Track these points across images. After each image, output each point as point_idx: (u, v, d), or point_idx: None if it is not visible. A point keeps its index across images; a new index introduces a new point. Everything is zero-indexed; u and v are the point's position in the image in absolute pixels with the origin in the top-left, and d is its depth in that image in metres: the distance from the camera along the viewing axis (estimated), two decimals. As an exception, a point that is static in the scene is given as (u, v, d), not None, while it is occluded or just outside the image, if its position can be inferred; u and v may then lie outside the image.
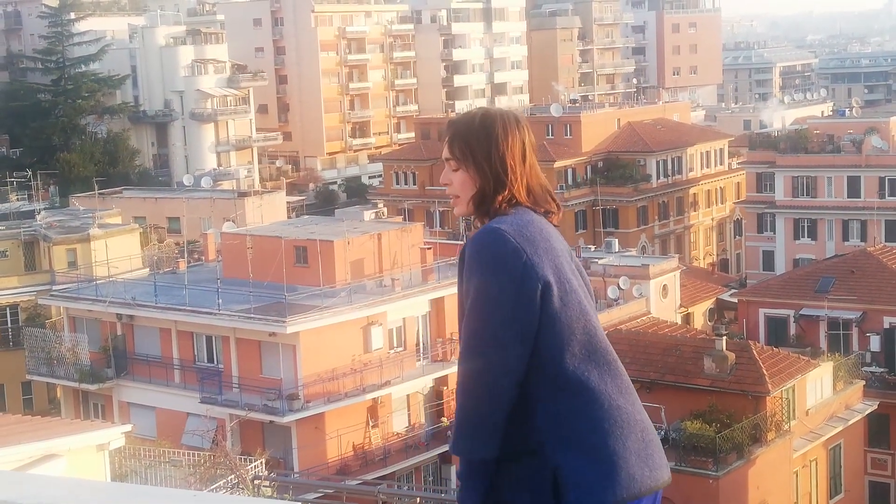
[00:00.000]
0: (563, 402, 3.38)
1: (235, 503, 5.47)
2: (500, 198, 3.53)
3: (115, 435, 22.27)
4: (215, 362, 43.77)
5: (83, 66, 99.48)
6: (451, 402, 45.58)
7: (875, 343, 47.97)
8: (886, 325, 48.22)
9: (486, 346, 3.31)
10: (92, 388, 45.88)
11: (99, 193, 65.73)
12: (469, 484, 3.37)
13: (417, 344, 45.30)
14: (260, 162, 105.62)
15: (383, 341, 43.53)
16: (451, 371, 45.34)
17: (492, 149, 3.53)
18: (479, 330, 3.34)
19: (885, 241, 63.40)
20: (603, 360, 3.44)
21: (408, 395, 44.92)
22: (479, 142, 3.55)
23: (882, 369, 47.06)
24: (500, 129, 3.55)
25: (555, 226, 3.60)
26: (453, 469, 44.50)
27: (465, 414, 3.33)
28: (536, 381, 3.38)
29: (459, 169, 3.58)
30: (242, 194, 74.52)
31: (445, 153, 3.61)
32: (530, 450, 3.38)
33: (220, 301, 42.52)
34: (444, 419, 45.35)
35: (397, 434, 44.19)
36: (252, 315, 41.77)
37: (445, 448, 44.84)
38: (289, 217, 70.49)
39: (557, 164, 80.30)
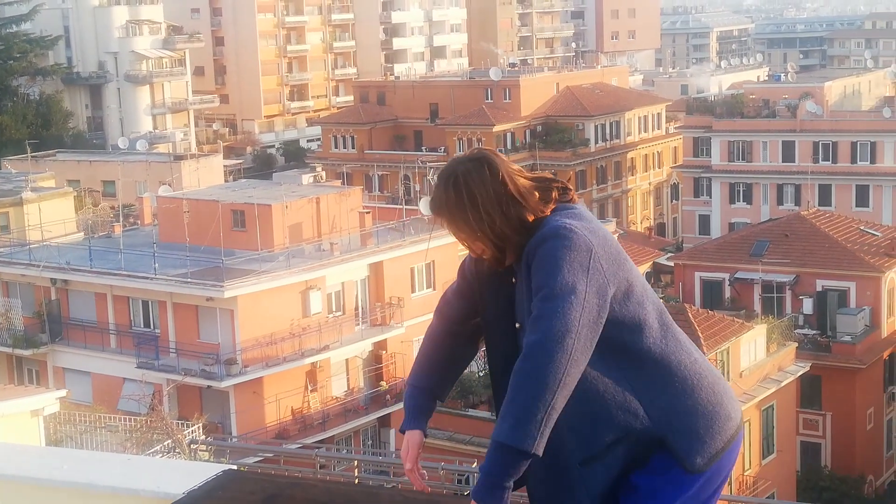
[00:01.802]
0: (652, 378, 3.49)
1: (167, 466, 5.45)
2: (511, 239, 3.54)
3: (49, 400, 22.06)
4: (152, 327, 43.41)
5: (14, 26, 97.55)
6: (389, 367, 45.67)
7: (808, 306, 48.74)
8: (819, 288, 48.99)
9: (571, 347, 3.34)
10: (26, 353, 45.32)
11: (32, 156, 64.67)
12: (506, 478, 3.38)
13: (356, 308, 45.25)
14: (196, 125, 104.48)
15: (322, 306, 43.42)
16: (390, 335, 45.41)
17: (473, 215, 3.53)
18: (562, 324, 3.34)
19: (819, 206, 64.34)
20: (669, 322, 3.58)
21: (346, 360, 44.90)
22: (461, 217, 3.55)
23: (814, 331, 47.85)
24: (469, 190, 3.54)
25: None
26: (392, 432, 44.67)
27: (537, 408, 3.32)
28: (628, 362, 3.48)
29: (469, 240, 3.61)
30: (179, 158, 73.69)
31: (453, 237, 3.64)
32: (626, 434, 3.47)
33: (157, 265, 42.13)
34: (383, 383, 45.43)
35: (336, 398, 44.20)
36: (189, 279, 41.45)
37: (384, 412, 44.97)
38: (226, 181, 69.90)
39: (496, 129, 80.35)
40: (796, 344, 43.44)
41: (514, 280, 3.60)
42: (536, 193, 3.57)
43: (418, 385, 3.87)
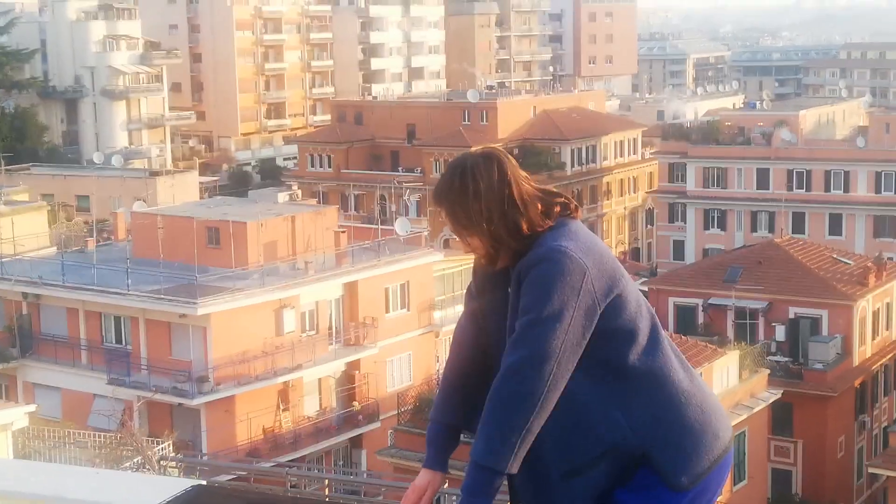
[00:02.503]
0: (637, 392, 3.45)
1: (137, 481, 5.39)
2: (506, 243, 3.53)
3: (18, 415, 21.88)
4: (123, 343, 43.12)
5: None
6: (361, 387, 45.49)
7: (780, 333, 48.89)
8: (791, 315, 49.16)
9: (549, 373, 3.33)
10: (-5, 367, 44.94)
11: (6, 169, 64.26)
12: (483, 496, 3.39)
13: (330, 328, 45.10)
14: (172, 141, 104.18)
15: (295, 324, 43.25)
16: (363, 355, 45.27)
17: (475, 209, 3.54)
18: (544, 351, 3.34)
19: (792, 233, 64.67)
20: (660, 338, 3.54)
21: (319, 379, 44.72)
22: (464, 201, 3.55)
23: (786, 358, 47.98)
24: (475, 184, 3.56)
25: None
26: (363, 453, 44.48)
27: (511, 431, 3.33)
28: (614, 376, 3.45)
29: (466, 235, 3.59)
30: (154, 173, 73.42)
31: (449, 229, 3.64)
32: (611, 448, 3.44)
33: (130, 281, 41.87)
34: (356, 403, 45.26)
35: (308, 418, 43.99)
36: (162, 296, 41.21)
37: (356, 432, 44.79)
38: (201, 198, 69.66)
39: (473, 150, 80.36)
40: (768, 371, 43.54)
41: (509, 289, 3.57)
42: (539, 205, 3.57)
43: (439, 420, 3.75)
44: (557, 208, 3.59)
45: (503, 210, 3.52)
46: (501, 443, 3.32)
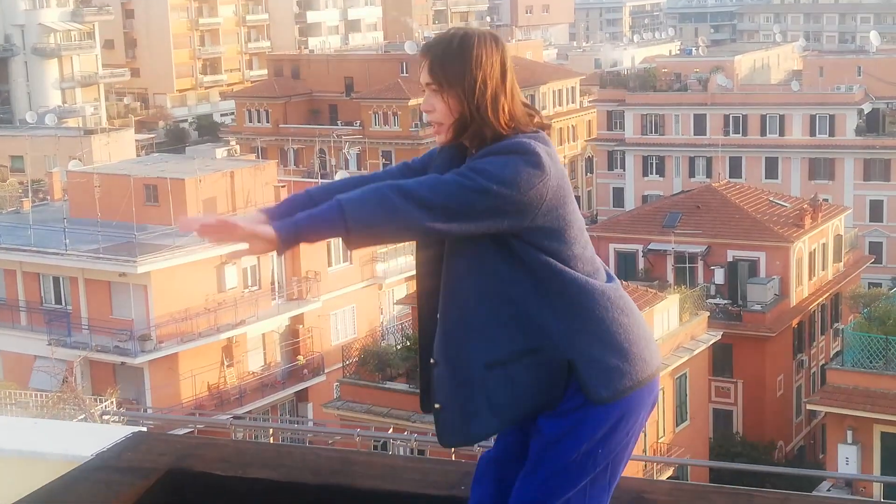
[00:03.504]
0: (574, 297, 3.42)
1: (75, 430, 5.38)
2: (483, 122, 3.42)
3: (-43, 378, 21.62)
4: (63, 304, 42.72)
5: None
6: (306, 341, 45.51)
7: (719, 276, 49.50)
8: (730, 259, 49.77)
9: (435, 214, 3.26)
10: (-68, 332, 44.35)
11: (-64, 131, 63.10)
12: (313, 230, 3.34)
13: (272, 283, 44.98)
14: (107, 99, 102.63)
15: (237, 280, 43.08)
16: (307, 309, 45.22)
17: (470, 68, 3.41)
18: (445, 200, 3.27)
19: (730, 178, 65.28)
20: (601, 266, 3.53)
21: (263, 335, 44.65)
22: (457, 62, 3.42)
23: (725, 301, 48.63)
24: (478, 50, 3.43)
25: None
26: (310, 407, 44.58)
27: (377, 212, 3.27)
28: (550, 278, 3.40)
29: (440, 94, 3.45)
30: (89, 132, 72.40)
31: (425, 78, 3.48)
32: (536, 348, 3.41)
33: (67, 241, 41.42)
34: (300, 357, 45.28)
35: (253, 373, 43.95)
36: (101, 255, 40.83)
37: (301, 386, 44.85)
38: (138, 155, 68.85)
39: (412, 102, 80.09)
40: (708, 313, 44.09)
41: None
42: (518, 111, 3.47)
43: (315, 195, 3.61)
44: (537, 119, 3.51)
45: (496, 91, 3.42)
46: (367, 210, 3.25)
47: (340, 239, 3.33)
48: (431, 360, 3.54)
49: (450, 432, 3.52)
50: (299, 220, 3.35)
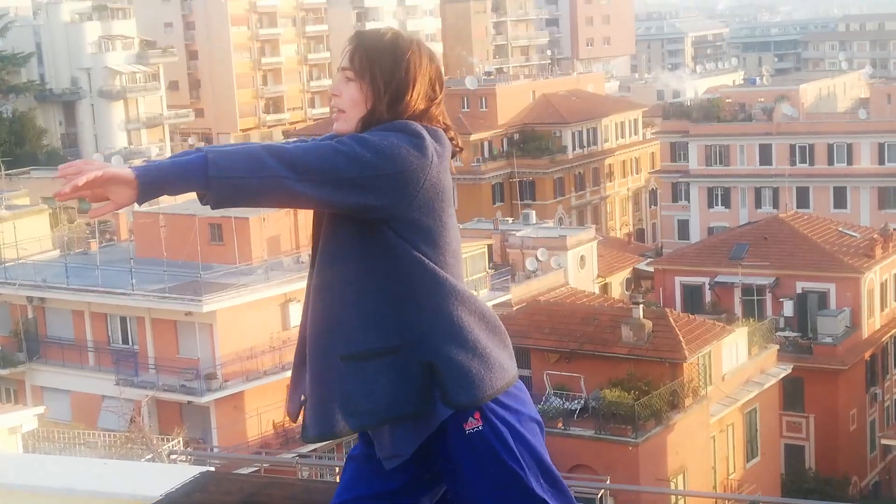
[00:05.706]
0: (441, 299, 3.32)
1: (145, 470, 5.31)
2: (394, 115, 3.34)
3: (27, 417, 21.85)
4: (130, 343, 43.07)
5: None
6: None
7: (788, 308, 48.79)
8: (799, 290, 49.06)
9: (305, 179, 3.15)
10: (3, 372, 44.91)
11: (6, 174, 64.21)
12: (172, 180, 3.15)
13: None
14: (172, 140, 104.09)
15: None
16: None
17: (396, 68, 3.35)
18: (316, 164, 3.17)
19: (797, 208, 64.53)
20: (462, 283, 3.42)
21: (328, 371, 44.63)
22: (384, 58, 3.35)
23: (795, 334, 47.90)
24: (410, 53, 3.37)
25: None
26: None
27: (245, 166, 3.14)
28: (419, 276, 3.30)
29: (354, 82, 3.38)
30: (155, 172, 73.11)
31: (344, 62, 3.41)
32: (396, 346, 3.31)
33: (134, 281, 41.82)
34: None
35: (318, 410, 43.88)
36: (167, 294, 41.16)
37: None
38: (203, 195, 69.50)
39: (473, 137, 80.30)
40: (777, 346, 43.47)
41: None
42: (441, 120, 3.43)
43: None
44: (451, 134, 3.42)
45: (416, 100, 3.35)
46: (231, 162, 3.11)
47: (201, 193, 3.17)
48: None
49: (311, 425, 3.43)
50: (161, 164, 3.17)
